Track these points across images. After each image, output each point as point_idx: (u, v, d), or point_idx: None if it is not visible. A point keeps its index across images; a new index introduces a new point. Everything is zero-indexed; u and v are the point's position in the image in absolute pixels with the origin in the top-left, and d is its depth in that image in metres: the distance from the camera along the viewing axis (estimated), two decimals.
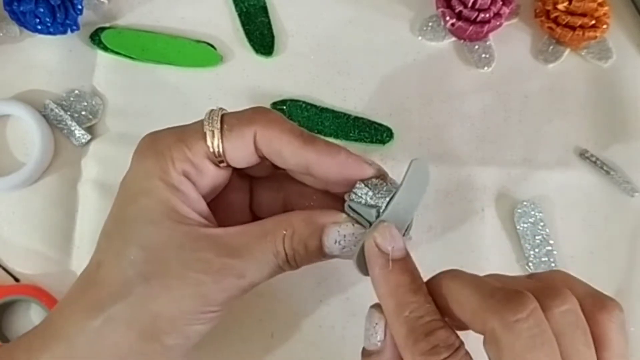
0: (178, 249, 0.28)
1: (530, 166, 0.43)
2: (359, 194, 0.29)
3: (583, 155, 0.43)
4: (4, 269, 0.39)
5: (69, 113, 0.41)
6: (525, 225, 0.41)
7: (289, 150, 0.29)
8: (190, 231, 0.28)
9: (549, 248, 0.41)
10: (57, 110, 0.41)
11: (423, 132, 0.43)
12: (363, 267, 0.28)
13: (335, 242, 0.28)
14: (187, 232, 0.28)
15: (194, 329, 0.29)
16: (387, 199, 0.28)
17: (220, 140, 0.29)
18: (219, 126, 0.29)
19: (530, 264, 0.41)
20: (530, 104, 0.44)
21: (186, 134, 0.29)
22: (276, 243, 0.28)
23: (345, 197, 0.30)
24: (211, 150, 0.29)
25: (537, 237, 0.41)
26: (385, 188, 0.29)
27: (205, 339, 0.38)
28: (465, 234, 0.41)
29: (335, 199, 0.31)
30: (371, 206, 0.28)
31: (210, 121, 0.29)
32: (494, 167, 0.43)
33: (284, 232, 0.28)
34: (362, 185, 0.29)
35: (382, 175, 0.30)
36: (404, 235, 0.29)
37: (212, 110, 0.30)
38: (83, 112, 0.42)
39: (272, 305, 0.39)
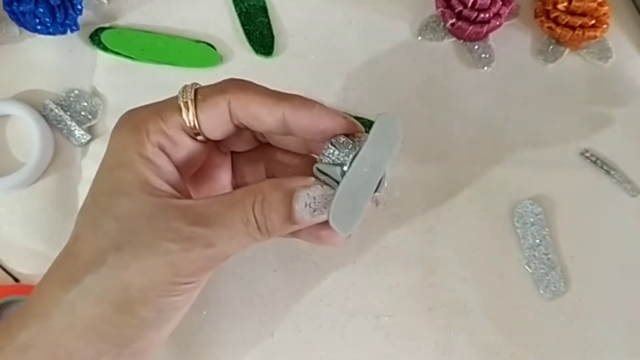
0: (149, 220, 0.28)
1: (530, 166, 0.43)
2: (327, 154, 0.29)
3: (583, 155, 0.43)
4: (4, 269, 0.39)
5: (68, 113, 0.41)
6: (525, 225, 0.41)
7: (264, 110, 0.29)
8: (162, 202, 0.28)
9: (549, 248, 0.41)
10: (56, 111, 0.41)
11: (423, 132, 0.43)
12: (341, 225, 0.28)
13: (305, 206, 0.28)
14: (158, 203, 0.28)
15: (167, 300, 0.28)
16: (352, 156, 0.28)
17: (194, 111, 0.29)
18: (192, 97, 0.29)
19: (530, 264, 0.41)
20: (530, 104, 0.44)
21: (162, 108, 0.30)
22: (246, 210, 0.28)
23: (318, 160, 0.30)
24: (186, 121, 0.29)
25: (537, 237, 0.41)
26: (351, 145, 0.29)
27: (206, 339, 0.38)
28: (465, 234, 0.41)
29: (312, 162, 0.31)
30: (336, 164, 0.28)
31: (184, 93, 0.30)
32: (494, 167, 0.43)
33: (254, 199, 0.28)
34: (329, 144, 0.29)
35: (356, 133, 0.30)
36: (375, 191, 0.29)
37: (186, 84, 0.30)
38: (83, 112, 0.42)
39: (272, 305, 0.39)
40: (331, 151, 0.29)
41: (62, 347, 0.28)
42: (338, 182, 0.28)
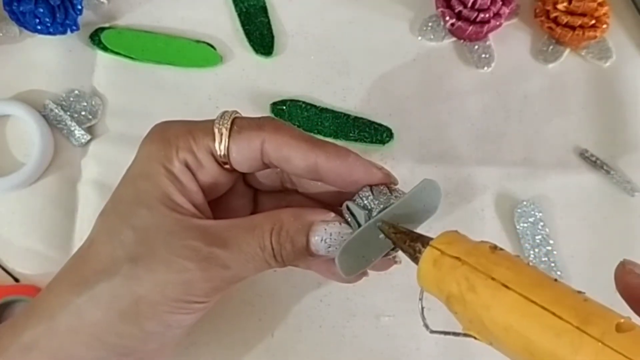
0: (167, 235, 0.28)
1: (530, 166, 0.43)
2: (361, 196, 0.29)
3: (583, 155, 0.43)
4: (4, 269, 0.39)
5: (68, 113, 0.41)
6: (525, 225, 0.41)
7: (298, 154, 0.29)
8: (182, 220, 0.28)
9: (549, 248, 0.41)
10: (56, 111, 0.41)
11: (423, 132, 0.43)
12: (345, 267, 0.28)
13: (322, 240, 0.28)
14: (179, 220, 0.28)
15: (175, 318, 0.28)
16: (383, 206, 0.28)
17: (227, 140, 0.29)
18: (228, 126, 0.29)
19: (530, 264, 0.41)
20: (530, 104, 0.44)
21: (196, 128, 0.30)
22: (264, 237, 0.28)
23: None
24: (217, 147, 0.29)
25: (537, 237, 0.41)
26: (386, 197, 0.29)
27: (205, 339, 0.38)
28: (465, 234, 0.41)
29: (337, 213, 0.31)
30: (365, 208, 0.28)
31: (221, 120, 0.29)
32: (494, 167, 0.43)
33: (273, 226, 0.28)
34: (367, 188, 0.29)
35: (391, 184, 0.30)
36: (392, 250, 0.29)
37: (225, 111, 0.30)
38: (83, 112, 0.42)
39: (272, 305, 0.39)
40: (367, 194, 0.29)
41: (64, 351, 0.28)
42: (360, 225, 0.28)
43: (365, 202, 0.28)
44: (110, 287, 0.27)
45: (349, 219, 0.29)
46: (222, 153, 0.29)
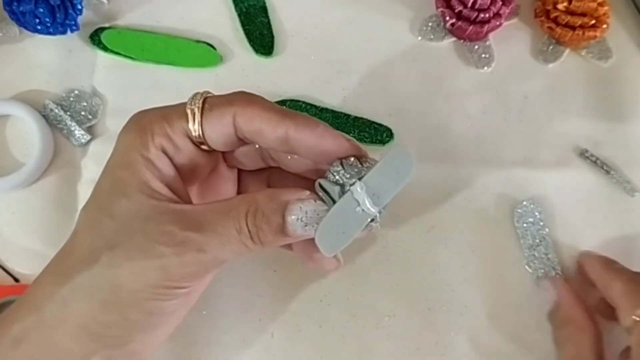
0: (144, 221, 0.28)
1: (530, 166, 0.43)
2: (332, 172, 0.29)
3: (583, 155, 0.43)
4: (4, 269, 0.39)
5: (68, 113, 0.41)
6: (525, 225, 0.41)
7: (268, 126, 0.29)
8: (159, 205, 0.28)
9: (549, 248, 0.41)
10: (56, 111, 0.41)
11: (423, 132, 0.43)
12: (326, 245, 0.28)
13: (297, 219, 0.28)
14: (155, 205, 0.28)
15: (156, 304, 0.28)
16: (355, 180, 0.28)
17: (199, 120, 0.29)
18: (200, 105, 0.29)
19: (530, 264, 0.41)
20: (530, 104, 0.44)
21: (169, 112, 0.30)
22: (239, 218, 0.28)
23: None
24: (191, 128, 0.29)
25: (536, 237, 0.41)
26: (357, 169, 0.29)
27: (206, 339, 0.38)
28: (465, 234, 0.41)
29: None
30: (338, 184, 0.28)
31: (192, 101, 0.30)
32: (494, 167, 0.43)
33: (248, 207, 0.28)
34: (338, 163, 0.29)
35: (363, 156, 0.30)
36: (372, 221, 0.29)
37: (197, 92, 0.30)
38: (83, 112, 0.42)
39: (272, 305, 0.39)
40: (337, 170, 0.29)
41: (53, 343, 0.28)
42: (335, 201, 0.28)
43: (337, 177, 0.28)
44: (90, 276, 0.27)
45: (323, 196, 0.29)
46: (197, 133, 0.29)
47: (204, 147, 0.30)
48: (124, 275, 0.27)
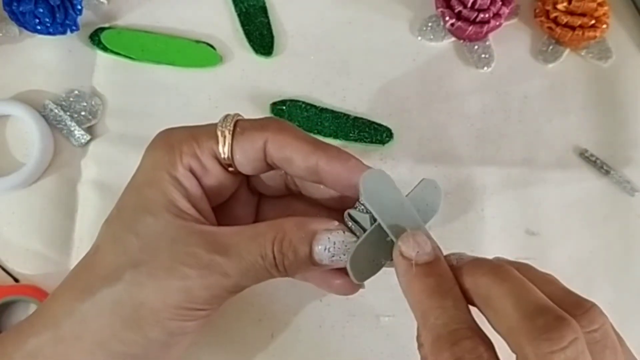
0: (170, 242, 0.28)
1: (530, 166, 0.43)
2: (362, 202, 0.29)
3: (583, 155, 0.43)
4: (4, 269, 0.39)
5: (68, 113, 0.41)
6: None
7: (299, 156, 0.29)
8: (186, 226, 0.28)
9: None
10: (56, 111, 0.41)
11: (423, 132, 0.43)
12: (356, 273, 0.28)
13: (325, 249, 0.28)
14: (182, 226, 0.28)
15: (177, 325, 0.28)
16: None
17: (230, 142, 0.29)
18: (231, 128, 0.29)
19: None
20: (530, 104, 0.44)
21: (199, 132, 0.30)
22: (265, 245, 0.28)
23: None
24: (220, 150, 0.29)
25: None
26: None
27: (205, 339, 0.38)
28: (465, 234, 0.41)
29: (341, 219, 0.31)
30: (367, 213, 0.28)
31: (224, 123, 0.29)
32: (494, 167, 0.43)
33: (275, 235, 0.28)
34: None
35: None
36: None
37: (227, 114, 0.30)
38: (82, 113, 0.42)
39: (272, 305, 0.39)
40: None
41: (68, 359, 0.28)
42: (364, 231, 0.28)
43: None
44: (112, 293, 0.27)
45: (352, 227, 0.29)
46: (226, 155, 0.29)
47: (230, 169, 0.30)
48: (147, 294, 0.27)
